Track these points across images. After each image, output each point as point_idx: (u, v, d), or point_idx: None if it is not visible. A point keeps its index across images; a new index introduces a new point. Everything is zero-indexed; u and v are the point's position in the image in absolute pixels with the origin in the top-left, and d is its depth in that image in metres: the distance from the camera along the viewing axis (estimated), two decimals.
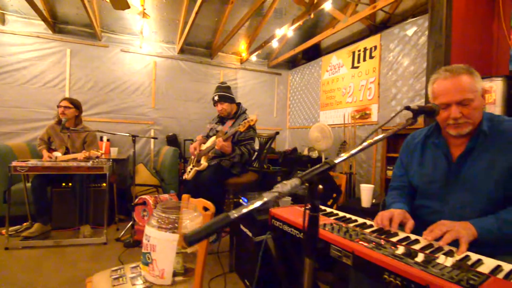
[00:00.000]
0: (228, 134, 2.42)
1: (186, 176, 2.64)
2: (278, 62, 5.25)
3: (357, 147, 0.70)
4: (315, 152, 4.27)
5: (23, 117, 3.76)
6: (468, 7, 2.31)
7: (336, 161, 0.62)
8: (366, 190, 2.20)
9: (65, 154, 2.81)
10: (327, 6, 3.34)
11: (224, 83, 2.78)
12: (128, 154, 4.03)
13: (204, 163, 2.51)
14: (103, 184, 3.00)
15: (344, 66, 4.23)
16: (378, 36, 3.67)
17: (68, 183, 2.87)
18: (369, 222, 1.12)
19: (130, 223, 2.70)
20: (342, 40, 4.53)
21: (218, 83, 2.79)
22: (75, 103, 2.88)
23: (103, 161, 2.63)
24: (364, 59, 3.89)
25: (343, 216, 1.20)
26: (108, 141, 4.03)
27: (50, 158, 2.64)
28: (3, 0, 3.56)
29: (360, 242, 0.88)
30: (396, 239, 0.94)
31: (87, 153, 2.67)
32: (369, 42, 3.82)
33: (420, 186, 1.20)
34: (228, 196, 2.97)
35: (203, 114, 4.81)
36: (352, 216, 1.20)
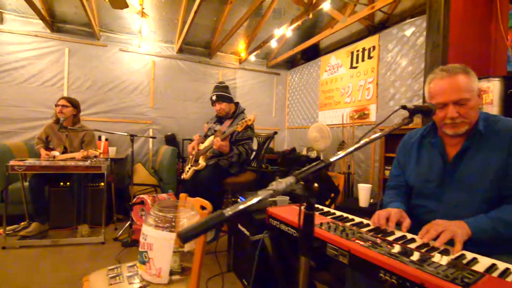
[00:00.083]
0: (225, 134, 2.42)
1: (185, 175, 2.64)
2: (277, 62, 5.25)
3: (352, 146, 0.70)
4: (313, 152, 4.27)
5: (21, 116, 3.75)
6: (466, 8, 2.32)
7: (332, 159, 0.63)
8: (364, 190, 2.21)
9: (63, 153, 2.80)
10: (326, 6, 3.34)
11: (222, 83, 2.78)
12: (126, 154, 4.02)
13: (202, 163, 2.51)
14: (101, 183, 2.99)
15: (343, 66, 4.24)
16: (377, 36, 3.68)
17: (66, 183, 2.86)
18: (365, 221, 1.12)
19: (128, 222, 2.69)
20: (341, 40, 4.54)
21: (216, 83, 2.79)
22: (73, 102, 2.87)
23: (101, 160, 2.63)
24: (363, 59, 3.90)
25: (340, 215, 1.21)
26: (107, 140, 4.02)
27: (48, 157, 2.64)
28: None
29: (357, 241, 0.88)
30: (392, 238, 0.95)
31: (85, 152, 2.66)
32: (367, 43, 3.83)
33: (416, 186, 1.21)
34: (226, 195, 2.97)
35: (202, 113, 4.80)
36: (349, 215, 1.21)
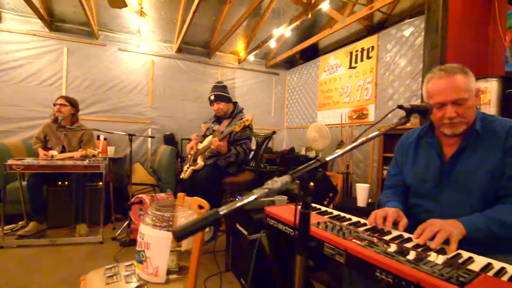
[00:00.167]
0: (224, 134, 2.42)
1: (183, 175, 2.64)
2: (276, 62, 5.25)
3: (349, 145, 0.70)
4: (312, 152, 4.28)
5: (20, 115, 3.74)
6: (464, 8, 2.32)
7: (328, 158, 0.63)
8: (362, 190, 2.21)
9: (61, 152, 2.79)
10: (325, 6, 3.34)
11: (221, 83, 2.78)
12: (125, 153, 4.02)
13: (200, 162, 2.51)
14: (100, 183, 2.99)
15: (342, 66, 4.24)
16: (376, 36, 3.69)
17: (64, 182, 2.86)
18: (363, 221, 1.12)
19: (127, 222, 2.69)
20: (340, 40, 4.54)
21: (215, 83, 2.79)
22: (71, 101, 2.87)
23: (99, 160, 2.63)
24: (362, 60, 3.90)
25: (338, 215, 1.21)
26: (105, 140, 4.01)
27: (46, 157, 2.63)
28: None
29: (353, 240, 0.88)
30: (389, 237, 0.95)
31: (84, 151, 2.66)
32: (366, 43, 3.83)
33: (413, 185, 1.21)
34: (225, 195, 2.97)
35: (201, 113, 4.80)
36: (346, 215, 1.21)
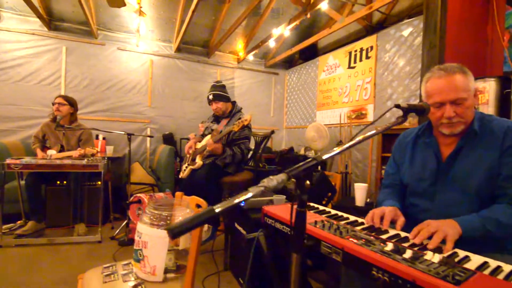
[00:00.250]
0: (222, 134, 2.42)
1: (182, 174, 2.64)
2: (275, 61, 5.25)
3: (346, 144, 0.70)
4: (311, 151, 4.28)
5: (18, 114, 3.74)
6: (462, 8, 2.33)
7: (324, 157, 0.63)
8: (360, 189, 2.21)
9: (60, 151, 2.79)
10: (324, 6, 3.34)
11: (219, 82, 2.78)
12: (124, 153, 4.02)
13: (199, 162, 2.51)
14: (98, 182, 2.99)
15: (341, 66, 4.24)
16: (374, 36, 3.69)
17: (63, 181, 2.86)
18: (360, 220, 1.12)
19: (125, 221, 2.69)
20: (339, 40, 4.55)
21: (213, 82, 2.79)
22: (69, 100, 2.87)
23: (98, 159, 2.62)
24: (361, 60, 3.90)
25: (335, 214, 1.21)
26: (104, 139, 4.01)
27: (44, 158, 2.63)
28: None
29: (350, 239, 0.89)
30: (385, 236, 0.95)
31: (82, 150, 2.66)
32: (365, 43, 3.83)
33: (410, 184, 1.21)
34: (223, 194, 2.96)
35: (200, 113, 4.80)
36: (344, 214, 1.21)
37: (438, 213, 1.06)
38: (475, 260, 0.79)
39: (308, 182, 0.58)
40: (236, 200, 0.46)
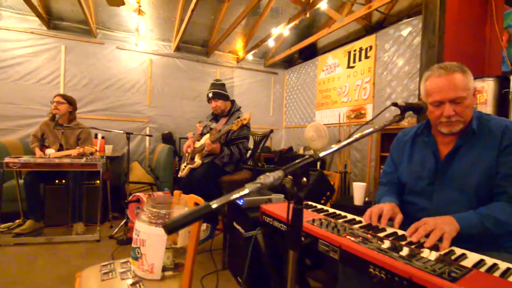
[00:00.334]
0: (221, 133, 2.42)
1: (181, 173, 2.64)
2: (275, 61, 5.25)
3: (343, 142, 0.70)
4: (310, 151, 4.28)
5: (17, 113, 3.73)
6: (461, 8, 2.33)
7: (321, 154, 0.63)
8: (359, 189, 2.22)
9: (58, 150, 2.79)
10: (323, 5, 3.35)
11: (219, 81, 2.78)
12: (123, 152, 4.01)
13: (198, 161, 2.51)
14: (97, 181, 2.98)
15: (340, 66, 4.25)
16: (374, 36, 3.70)
17: (62, 180, 2.85)
18: (358, 218, 1.13)
19: (124, 220, 2.69)
20: (338, 40, 4.55)
21: (213, 80, 2.79)
22: (68, 99, 2.86)
23: (96, 158, 2.62)
24: (360, 59, 3.91)
25: (333, 212, 1.21)
26: (103, 138, 4.01)
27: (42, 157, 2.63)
28: None
29: (348, 237, 0.89)
30: (383, 234, 0.95)
31: (81, 149, 2.66)
32: (364, 42, 3.84)
33: (408, 183, 1.21)
34: (222, 193, 2.97)
35: (199, 112, 4.80)
36: (341, 212, 1.21)
37: (436, 212, 1.06)
38: (472, 257, 0.80)
39: (305, 179, 0.58)
40: (233, 196, 0.47)
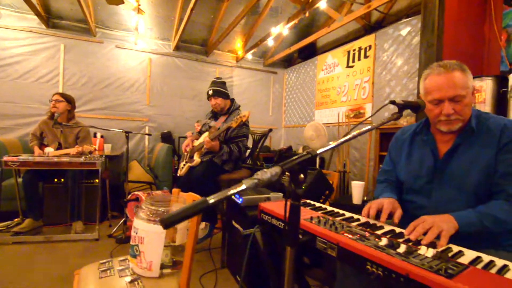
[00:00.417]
0: (220, 130, 2.42)
1: (180, 172, 2.64)
2: (274, 60, 5.26)
3: (340, 139, 0.71)
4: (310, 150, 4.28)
5: (16, 112, 3.73)
6: (460, 8, 2.33)
7: (319, 151, 0.63)
8: (357, 188, 2.22)
9: (57, 149, 2.78)
10: (322, 5, 3.35)
11: (220, 79, 2.78)
12: (122, 151, 4.01)
13: (197, 159, 2.51)
14: (96, 180, 2.98)
15: (339, 65, 4.25)
16: (373, 35, 3.70)
17: (60, 179, 2.85)
18: (356, 216, 1.13)
19: (123, 219, 2.69)
20: (338, 39, 4.55)
21: (214, 78, 2.79)
22: (66, 97, 2.86)
23: (95, 157, 2.62)
24: (359, 59, 3.91)
25: (331, 210, 1.21)
26: (102, 137, 4.01)
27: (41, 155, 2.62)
28: None
29: (345, 234, 0.89)
30: (380, 232, 0.96)
31: (80, 148, 2.66)
32: (364, 42, 3.84)
33: (407, 181, 1.21)
34: None
35: (198, 111, 4.80)
36: (340, 210, 1.21)
37: (435, 210, 1.06)
38: (469, 255, 0.80)
39: (302, 176, 0.58)
40: (230, 192, 0.47)
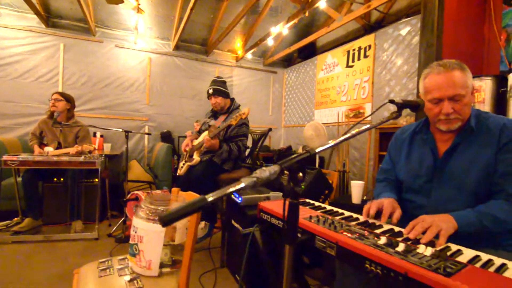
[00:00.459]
0: (220, 128, 2.42)
1: (179, 171, 2.64)
2: (274, 60, 5.26)
3: (339, 138, 0.71)
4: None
5: (15, 111, 3.73)
6: (459, 8, 2.33)
7: (317, 150, 0.63)
8: (357, 187, 2.22)
9: (57, 149, 2.78)
10: (322, 4, 3.35)
11: (220, 78, 2.78)
12: (121, 150, 4.01)
13: (196, 158, 2.51)
14: (95, 179, 2.98)
15: (339, 65, 4.25)
16: (373, 35, 3.70)
17: (60, 178, 2.85)
18: (355, 215, 1.13)
19: (122, 218, 2.69)
20: (337, 39, 4.55)
21: (214, 77, 2.79)
22: (66, 96, 2.86)
23: (95, 156, 2.62)
24: (359, 58, 3.91)
25: (330, 210, 1.22)
26: (102, 137, 4.00)
27: (41, 154, 2.62)
28: None
29: (344, 233, 0.89)
30: (379, 230, 0.96)
31: (79, 147, 2.66)
32: (363, 42, 3.84)
33: (406, 181, 1.21)
34: None
35: (198, 111, 4.80)
36: (339, 209, 1.22)
37: (434, 209, 1.06)
38: (467, 253, 0.80)
39: (301, 174, 0.58)
40: (229, 190, 0.47)
